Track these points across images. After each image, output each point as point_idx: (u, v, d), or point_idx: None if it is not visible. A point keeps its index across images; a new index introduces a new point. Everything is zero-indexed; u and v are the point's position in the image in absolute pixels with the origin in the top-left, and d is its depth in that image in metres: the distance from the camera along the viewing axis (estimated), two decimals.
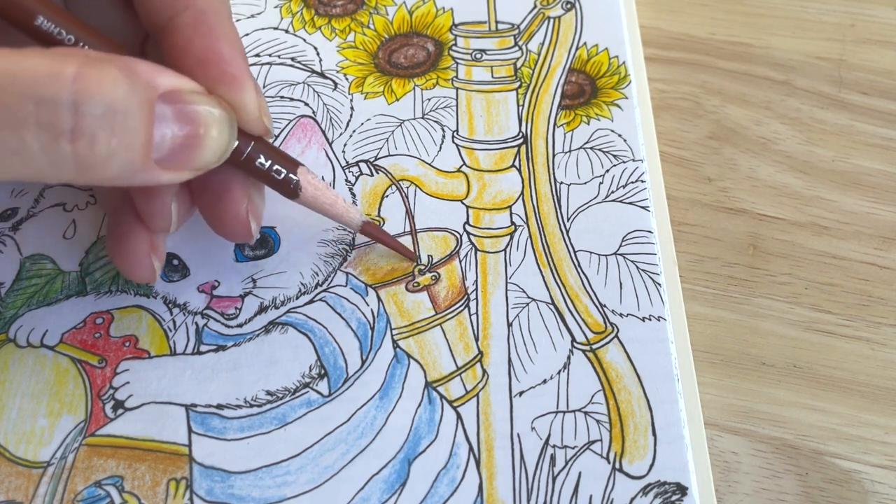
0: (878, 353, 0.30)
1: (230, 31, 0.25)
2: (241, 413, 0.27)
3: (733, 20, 0.38)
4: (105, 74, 0.20)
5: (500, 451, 0.26)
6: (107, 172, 0.21)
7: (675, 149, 0.35)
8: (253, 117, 0.25)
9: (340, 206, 0.28)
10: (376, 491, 0.26)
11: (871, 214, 0.33)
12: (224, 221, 0.27)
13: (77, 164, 0.20)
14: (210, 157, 0.23)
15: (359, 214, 0.28)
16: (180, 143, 0.22)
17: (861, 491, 0.27)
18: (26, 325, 0.29)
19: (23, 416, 0.27)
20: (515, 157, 0.32)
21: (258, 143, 0.26)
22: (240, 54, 0.25)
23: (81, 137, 0.20)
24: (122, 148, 0.21)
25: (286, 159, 0.27)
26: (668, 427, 0.26)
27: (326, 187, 0.28)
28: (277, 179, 0.26)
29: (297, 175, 0.27)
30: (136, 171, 0.22)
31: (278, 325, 0.29)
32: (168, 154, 0.22)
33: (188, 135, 0.22)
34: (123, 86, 0.20)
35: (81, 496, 0.26)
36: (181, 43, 0.25)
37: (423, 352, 0.28)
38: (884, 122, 0.35)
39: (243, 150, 0.25)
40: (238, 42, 0.25)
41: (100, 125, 0.20)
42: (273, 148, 0.26)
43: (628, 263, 0.30)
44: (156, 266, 0.27)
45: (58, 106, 0.19)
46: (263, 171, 0.26)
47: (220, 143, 0.23)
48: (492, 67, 0.35)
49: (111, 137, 0.20)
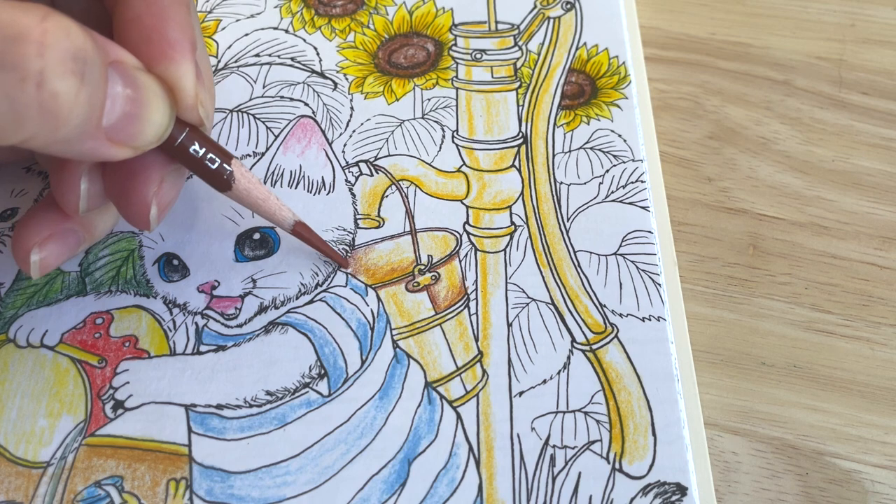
0: (878, 353, 0.30)
1: (183, 13, 0.25)
2: (240, 413, 0.27)
3: (733, 20, 0.38)
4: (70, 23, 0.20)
5: (500, 452, 0.26)
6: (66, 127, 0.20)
7: (675, 149, 0.35)
8: (188, 103, 0.25)
9: (272, 203, 0.27)
10: (376, 491, 0.26)
11: (871, 214, 0.33)
12: (127, 201, 0.26)
13: (41, 111, 0.20)
14: (150, 134, 0.23)
15: (291, 214, 0.28)
16: (126, 113, 0.22)
17: (861, 491, 0.27)
18: (26, 326, 0.29)
19: (22, 417, 0.27)
20: (515, 157, 0.32)
21: (192, 131, 0.25)
22: (186, 38, 0.25)
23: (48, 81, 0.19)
24: (86, 100, 0.20)
25: (221, 151, 0.26)
26: (668, 427, 0.26)
27: (260, 183, 0.27)
28: (210, 169, 0.26)
29: (230, 166, 0.26)
30: (88, 134, 0.21)
31: (278, 325, 0.29)
32: (115, 122, 0.22)
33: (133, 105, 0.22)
34: (88, 39, 0.20)
35: (81, 496, 0.26)
36: (130, 17, 0.24)
37: (422, 352, 0.28)
38: (884, 122, 0.35)
39: (176, 137, 0.25)
40: (188, 28, 0.25)
41: (69, 70, 0.20)
42: (208, 139, 0.26)
43: (628, 263, 0.30)
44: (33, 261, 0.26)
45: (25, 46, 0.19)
46: (196, 160, 0.26)
47: (161, 120, 0.23)
48: (492, 67, 0.35)
49: (78, 86, 0.20)
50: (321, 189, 0.32)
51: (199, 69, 0.25)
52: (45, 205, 0.27)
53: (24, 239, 0.26)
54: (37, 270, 0.26)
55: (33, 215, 0.27)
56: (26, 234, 0.26)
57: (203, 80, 0.25)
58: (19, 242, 0.26)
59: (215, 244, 0.30)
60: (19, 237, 0.26)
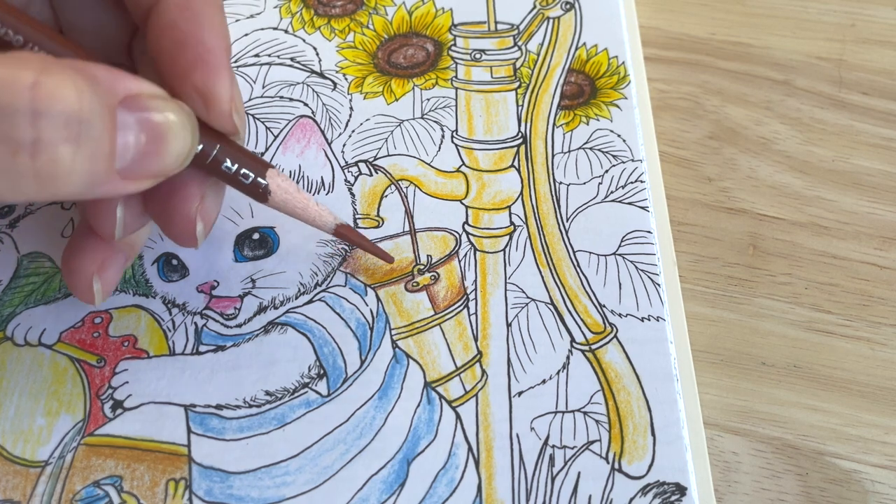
0: (878, 353, 0.30)
1: (217, 20, 0.24)
2: (240, 413, 0.27)
3: (733, 20, 0.38)
4: (65, 81, 0.19)
5: (499, 452, 0.26)
6: (69, 187, 0.20)
7: (675, 149, 0.35)
8: (223, 111, 0.24)
9: (312, 210, 0.27)
10: (375, 491, 0.26)
11: (871, 214, 0.33)
12: (170, 220, 0.25)
13: (38, 179, 0.19)
14: (171, 164, 0.22)
15: (332, 217, 0.27)
16: (143, 150, 0.21)
17: (861, 491, 0.27)
18: (24, 324, 0.29)
19: (21, 415, 0.27)
20: (515, 158, 0.32)
21: (225, 144, 0.25)
22: (222, 45, 0.24)
23: (43, 150, 0.19)
24: (86, 159, 0.19)
25: (255, 161, 0.25)
26: (668, 427, 0.26)
27: (298, 190, 0.26)
28: (245, 184, 0.25)
29: (265, 179, 0.25)
30: (98, 184, 0.20)
31: (277, 325, 0.29)
32: (131, 163, 0.21)
33: (150, 142, 0.21)
34: (86, 92, 0.19)
35: (80, 496, 0.26)
36: (163, 23, 0.24)
37: (422, 352, 0.28)
38: (884, 122, 0.35)
39: (209, 153, 0.24)
40: (223, 33, 0.24)
41: (62, 136, 0.19)
42: (241, 149, 0.25)
43: (627, 264, 0.30)
44: (96, 290, 0.26)
45: (16, 116, 0.18)
46: (230, 175, 0.25)
47: (182, 149, 0.22)
48: (491, 67, 0.35)
49: (75, 149, 0.19)
50: (320, 189, 0.32)
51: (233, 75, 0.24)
52: (87, 231, 0.26)
53: (80, 270, 0.26)
54: (100, 298, 0.26)
55: (80, 245, 0.26)
56: (81, 266, 0.26)
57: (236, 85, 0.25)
58: (76, 274, 0.26)
59: (214, 244, 0.30)
60: (74, 269, 0.26)
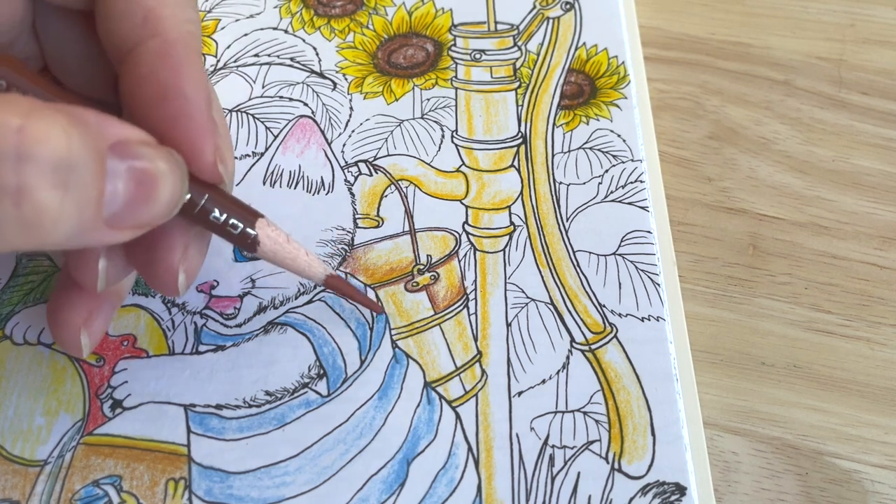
0: (878, 353, 0.30)
1: (196, 67, 0.23)
2: (239, 413, 0.27)
3: (733, 20, 0.38)
4: (54, 124, 0.18)
5: (499, 452, 0.26)
6: (55, 236, 0.19)
7: (675, 149, 0.35)
8: (207, 163, 0.23)
9: (302, 261, 0.26)
10: (375, 491, 0.26)
11: (871, 214, 0.33)
12: (153, 271, 0.24)
13: (22, 227, 0.18)
14: (160, 213, 0.21)
15: (322, 268, 0.26)
16: (131, 197, 0.20)
17: (861, 491, 0.27)
18: (23, 323, 0.29)
19: (20, 414, 0.27)
20: (515, 157, 0.32)
21: (213, 193, 0.24)
22: (202, 93, 0.23)
23: (28, 197, 0.18)
24: (73, 207, 0.18)
25: (244, 211, 0.25)
26: (667, 427, 0.26)
27: (287, 241, 0.25)
28: (233, 234, 0.24)
29: (255, 229, 0.25)
30: (85, 232, 0.19)
31: (277, 325, 0.29)
32: (119, 210, 0.20)
33: (139, 190, 0.20)
34: (75, 136, 0.18)
35: (79, 495, 0.26)
36: (143, 73, 0.23)
37: (421, 352, 0.28)
38: (884, 122, 0.35)
39: (197, 203, 0.23)
40: (203, 80, 0.23)
41: (49, 183, 0.18)
42: (230, 199, 0.24)
43: (627, 263, 0.30)
44: (84, 342, 0.25)
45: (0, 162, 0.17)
46: (218, 225, 0.24)
47: (172, 198, 0.22)
48: (491, 68, 0.35)
49: (62, 196, 0.18)
50: (320, 189, 0.32)
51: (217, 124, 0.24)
52: (70, 283, 0.25)
53: (67, 323, 0.25)
54: (87, 351, 0.26)
55: (64, 296, 0.25)
56: (67, 318, 0.25)
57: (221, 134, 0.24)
58: (63, 327, 0.25)
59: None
60: (60, 322, 0.25)
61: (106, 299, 0.26)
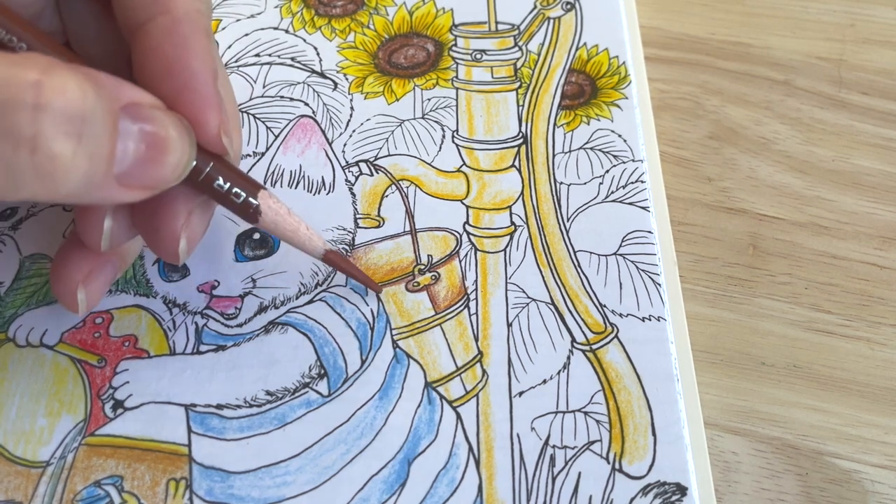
0: (878, 353, 0.30)
1: (204, 43, 0.24)
2: (240, 413, 0.27)
3: (733, 20, 0.38)
4: (69, 80, 0.19)
5: (500, 452, 0.26)
6: (67, 186, 0.20)
7: (675, 149, 0.35)
8: (212, 135, 0.24)
9: (302, 234, 0.27)
10: (376, 491, 0.26)
11: (871, 214, 0.33)
12: (156, 235, 0.25)
13: (37, 175, 0.19)
14: (168, 176, 0.22)
15: (321, 242, 0.27)
16: (141, 158, 0.21)
17: (861, 491, 0.27)
18: (26, 325, 0.29)
19: (22, 416, 0.27)
20: (515, 158, 0.32)
21: (218, 163, 0.25)
22: (208, 68, 0.24)
23: (42, 146, 0.19)
24: (85, 159, 0.20)
25: (247, 182, 0.25)
26: (668, 427, 0.26)
27: (289, 213, 0.26)
28: (236, 203, 0.25)
29: (256, 199, 0.25)
30: (95, 186, 0.21)
31: (278, 324, 0.29)
32: (128, 169, 0.21)
33: (149, 150, 0.21)
34: (90, 93, 0.19)
35: (81, 496, 0.26)
36: (151, 47, 0.24)
37: (422, 352, 0.28)
38: (884, 122, 0.35)
39: (202, 170, 0.24)
40: (210, 57, 0.24)
41: (63, 132, 0.19)
42: (234, 169, 0.25)
43: (628, 264, 0.30)
44: (80, 297, 0.26)
45: (18, 111, 0.18)
46: (221, 193, 0.25)
47: (180, 161, 0.23)
48: (492, 68, 0.35)
49: (76, 146, 0.19)
50: (321, 189, 0.32)
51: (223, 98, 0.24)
52: (77, 241, 0.26)
53: (66, 278, 0.26)
54: (84, 308, 0.26)
55: (69, 253, 0.26)
56: (68, 273, 0.26)
57: (227, 109, 0.25)
58: (62, 281, 0.26)
59: (215, 244, 0.30)
60: (61, 276, 0.26)
61: (108, 260, 0.27)
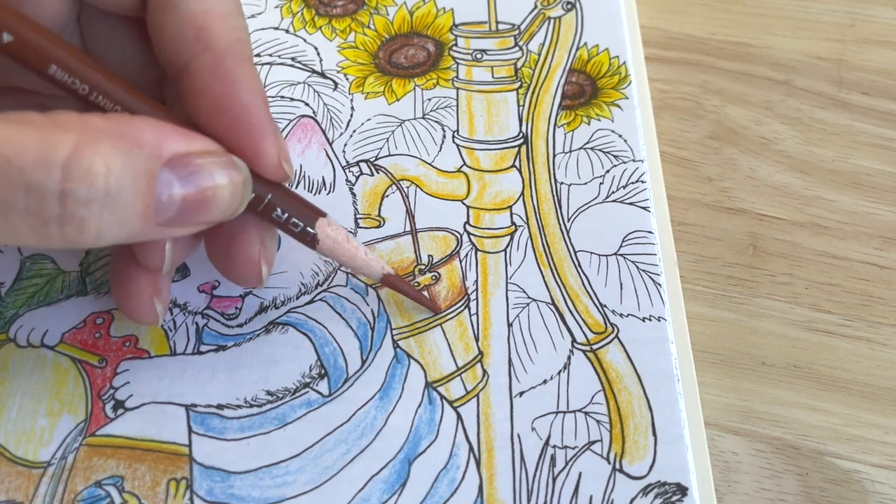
0: (878, 353, 0.30)
1: (249, 75, 0.24)
2: (241, 413, 0.27)
3: (733, 20, 0.38)
4: (97, 156, 0.19)
5: (501, 452, 0.26)
6: (101, 243, 0.21)
7: (676, 149, 0.35)
8: (272, 164, 0.24)
9: (360, 259, 0.27)
10: (376, 491, 0.26)
11: (871, 214, 0.33)
12: (234, 265, 0.26)
13: (70, 241, 0.20)
14: (220, 216, 0.23)
15: (379, 266, 0.27)
16: (190, 203, 0.22)
17: (861, 491, 0.27)
18: (26, 325, 0.29)
19: (23, 416, 0.27)
20: (516, 158, 0.32)
21: (277, 192, 0.25)
22: (259, 99, 0.24)
23: (70, 222, 0.20)
24: (114, 225, 0.20)
25: (306, 208, 0.26)
26: (669, 427, 0.26)
27: (347, 240, 0.27)
28: (294, 231, 0.26)
29: (314, 228, 0.26)
30: (135, 237, 0.21)
31: (278, 325, 0.29)
32: (174, 216, 0.22)
33: (197, 196, 0.22)
34: (117, 165, 0.20)
35: (82, 496, 0.26)
36: (198, 88, 0.24)
37: (423, 352, 0.28)
38: (884, 122, 0.35)
39: (262, 199, 0.25)
40: (257, 86, 0.24)
41: (89, 211, 0.20)
42: (292, 197, 0.26)
43: (629, 264, 0.30)
44: (158, 310, 0.26)
45: (45, 194, 0.19)
46: (280, 222, 0.25)
47: (230, 205, 0.23)
48: (492, 68, 0.35)
49: (100, 219, 0.20)
50: (321, 189, 0.32)
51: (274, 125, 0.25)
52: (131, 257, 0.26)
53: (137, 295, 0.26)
54: (163, 318, 0.27)
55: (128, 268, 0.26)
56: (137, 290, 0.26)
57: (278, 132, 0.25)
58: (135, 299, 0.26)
59: None
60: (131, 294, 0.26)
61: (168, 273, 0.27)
